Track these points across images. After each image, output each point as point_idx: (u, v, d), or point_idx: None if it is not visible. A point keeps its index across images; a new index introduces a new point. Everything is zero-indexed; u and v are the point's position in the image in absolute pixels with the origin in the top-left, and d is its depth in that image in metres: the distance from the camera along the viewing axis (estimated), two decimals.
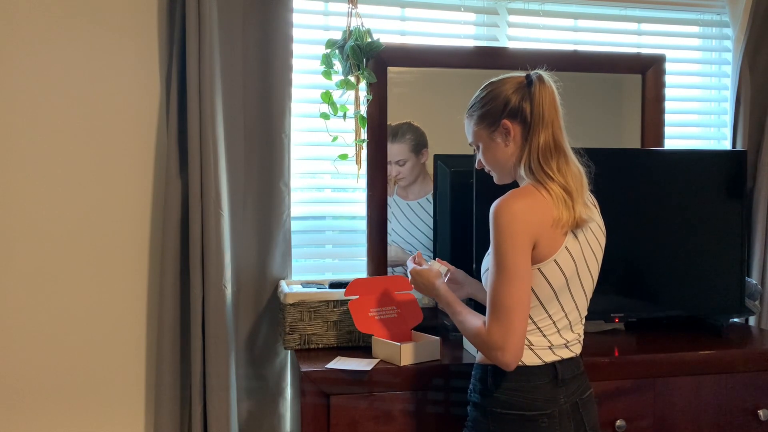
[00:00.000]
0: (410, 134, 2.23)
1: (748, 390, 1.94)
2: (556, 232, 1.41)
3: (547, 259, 1.42)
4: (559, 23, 2.47)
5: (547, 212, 1.41)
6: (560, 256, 1.43)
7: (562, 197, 1.42)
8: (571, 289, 1.47)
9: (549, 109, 1.46)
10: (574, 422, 1.49)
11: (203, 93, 1.97)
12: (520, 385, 1.46)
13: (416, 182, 2.25)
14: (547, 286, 1.43)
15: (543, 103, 1.46)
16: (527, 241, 1.38)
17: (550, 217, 1.41)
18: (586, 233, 1.49)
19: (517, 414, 1.45)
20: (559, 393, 1.47)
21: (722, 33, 2.59)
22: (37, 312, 2.05)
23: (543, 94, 1.47)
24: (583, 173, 1.49)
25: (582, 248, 1.47)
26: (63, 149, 2.05)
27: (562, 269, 1.43)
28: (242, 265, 2.12)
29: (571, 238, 1.44)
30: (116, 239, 2.09)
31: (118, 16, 2.06)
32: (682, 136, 2.57)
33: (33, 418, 2.06)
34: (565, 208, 1.42)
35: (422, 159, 2.24)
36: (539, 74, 1.50)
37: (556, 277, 1.43)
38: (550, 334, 1.47)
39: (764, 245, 2.42)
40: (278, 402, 2.18)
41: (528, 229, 1.38)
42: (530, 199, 1.41)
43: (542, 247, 1.41)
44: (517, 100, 1.48)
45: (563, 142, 1.48)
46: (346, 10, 2.11)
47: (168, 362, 2.02)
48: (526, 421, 1.45)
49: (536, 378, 1.46)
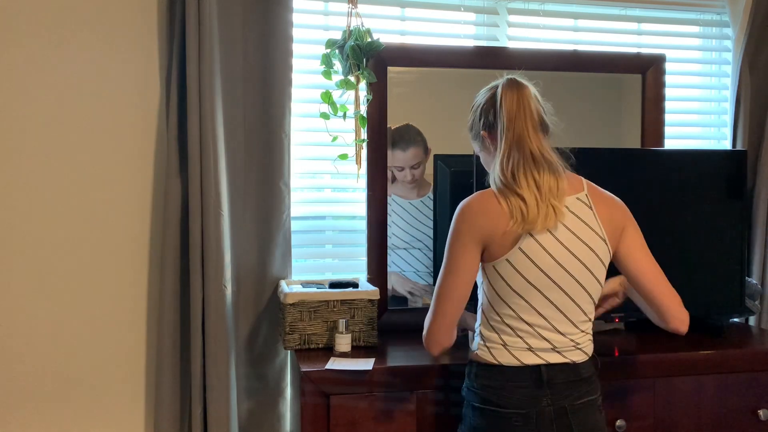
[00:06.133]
0: (419, 136, 2.23)
1: (748, 390, 1.94)
2: (506, 236, 1.44)
3: (498, 258, 1.46)
4: (559, 23, 2.47)
5: (496, 218, 1.44)
6: (513, 257, 1.44)
7: (519, 208, 1.43)
8: (542, 290, 1.46)
9: (516, 116, 1.47)
10: (558, 427, 1.47)
11: (203, 93, 1.97)
12: (496, 383, 1.49)
13: (418, 180, 2.26)
14: (503, 283, 1.47)
15: (510, 108, 1.47)
16: (471, 241, 1.46)
17: (500, 223, 1.44)
18: (562, 235, 1.46)
19: (492, 410, 1.49)
20: (542, 395, 1.48)
21: (722, 33, 2.59)
22: (37, 312, 2.05)
23: (508, 99, 1.48)
24: (556, 181, 1.46)
25: (551, 250, 1.45)
26: (63, 149, 2.05)
27: (517, 269, 1.45)
28: (242, 265, 2.12)
29: (529, 240, 1.44)
30: (116, 239, 2.09)
31: (118, 16, 2.06)
32: (682, 136, 2.57)
33: (33, 418, 2.06)
34: (522, 220, 1.43)
35: (428, 158, 2.25)
36: (511, 79, 1.51)
37: (512, 276, 1.45)
38: (528, 336, 1.48)
39: (764, 245, 2.42)
40: (278, 402, 2.18)
41: (473, 231, 1.45)
42: (484, 206, 1.47)
43: (493, 247, 1.45)
44: (488, 109, 1.53)
45: (530, 144, 1.46)
46: (346, 10, 2.11)
47: (168, 362, 2.01)
48: (500, 417, 1.48)
49: (515, 378, 1.48)
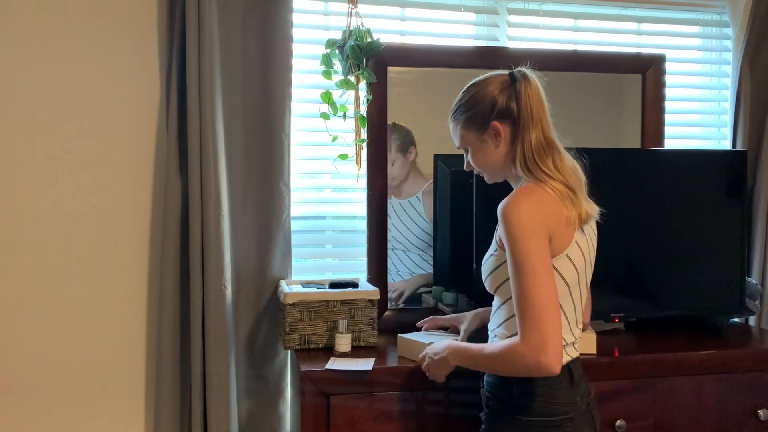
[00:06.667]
0: (395, 134, 2.23)
1: (748, 390, 1.94)
2: (567, 228, 1.40)
3: (559, 254, 1.40)
4: (559, 23, 2.47)
5: (556, 208, 1.39)
6: (572, 251, 1.41)
7: (567, 194, 1.41)
8: (580, 284, 1.46)
9: (537, 107, 1.44)
10: (588, 423, 1.47)
11: (203, 93, 1.97)
12: (544, 391, 1.42)
13: (407, 180, 2.25)
14: (562, 282, 1.41)
15: (530, 101, 1.44)
16: (543, 236, 1.36)
17: (560, 213, 1.39)
18: (587, 229, 1.48)
19: (545, 420, 1.42)
20: (576, 395, 1.45)
21: (722, 33, 2.59)
22: (38, 312, 2.05)
23: (529, 92, 1.44)
24: (578, 168, 1.48)
25: (587, 243, 1.47)
26: (63, 149, 2.05)
27: (575, 264, 1.42)
28: (242, 265, 2.12)
29: (578, 233, 1.43)
30: (116, 239, 2.09)
31: (118, 16, 2.06)
32: (682, 136, 2.57)
33: (33, 418, 2.06)
34: (572, 205, 1.41)
35: (410, 157, 2.24)
36: (523, 72, 1.47)
37: (569, 273, 1.42)
38: (564, 333, 1.42)
39: (764, 245, 2.42)
40: (278, 402, 2.18)
41: (542, 225, 1.36)
42: (539, 196, 1.39)
43: (555, 242, 1.38)
44: (504, 100, 1.45)
45: (554, 138, 1.47)
46: (346, 10, 2.11)
47: (168, 362, 2.01)
48: (552, 427, 1.42)
49: (556, 382, 1.42)
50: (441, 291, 2.20)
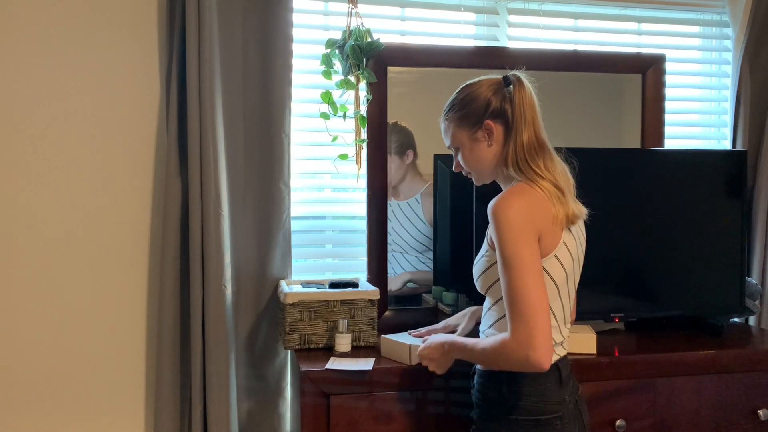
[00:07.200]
0: (394, 136, 2.23)
1: (748, 390, 1.94)
2: (555, 228, 1.42)
3: (548, 254, 1.41)
4: (559, 23, 2.47)
5: (545, 208, 1.41)
6: (560, 252, 1.43)
7: (555, 193, 1.43)
8: (568, 284, 1.48)
9: (530, 109, 1.48)
10: (577, 421, 1.49)
11: (203, 93, 1.97)
12: (533, 390, 1.44)
13: (404, 182, 2.25)
14: (551, 283, 1.43)
15: (524, 103, 1.47)
16: (533, 235, 1.38)
17: (549, 213, 1.41)
18: (575, 230, 1.49)
19: (533, 419, 1.44)
20: (565, 393, 1.47)
21: (722, 33, 2.59)
22: (38, 312, 2.05)
23: (523, 95, 1.48)
24: (567, 170, 1.51)
25: (575, 243, 1.48)
26: (63, 149, 2.05)
27: (563, 264, 1.44)
28: (242, 265, 2.12)
29: (566, 234, 1.45)
30: (116, 239, 2.10)
31: (118, 16, 2.06)
32: (682, 136, 2.57)
33: (33, 418, 2.06)
34: (560, 205, 1.43)
35: (407, 160, 2.24)
36: (517, 76, 1.51)
37: (558, 273, 1.43)
38: (553, 333, 1.45)
39: (764, 245, 2.42)
40: (278, 402, 2.18)
41: (532, 224, 1.38)
42: (529, 196, 1.42)
43: (544, 242, 1.40)
44: (498, 101, 1.49)
45: (545, 139, 1.50)
46: (346, 10, 2.12)
47: (168, 362, 2.01)
48: (541, 425, 1.43)
49: (545, 380, 1.45)
50: (441, 291, 2.20)
